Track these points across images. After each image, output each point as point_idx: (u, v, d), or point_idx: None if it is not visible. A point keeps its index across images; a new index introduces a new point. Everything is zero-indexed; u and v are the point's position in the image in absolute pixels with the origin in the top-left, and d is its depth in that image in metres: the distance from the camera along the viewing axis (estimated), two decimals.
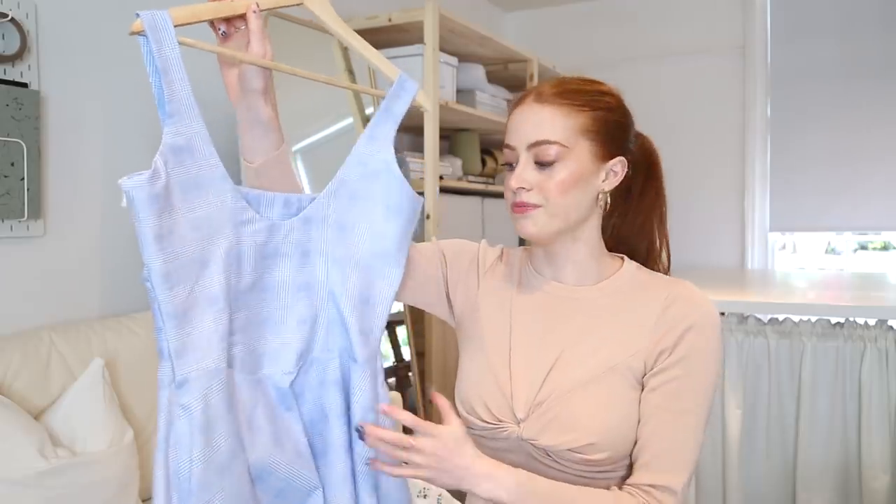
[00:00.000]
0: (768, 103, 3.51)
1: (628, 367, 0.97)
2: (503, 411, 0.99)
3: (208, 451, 0.78)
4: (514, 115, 1.01)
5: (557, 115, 0.96)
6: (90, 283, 1.91)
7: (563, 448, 0.95)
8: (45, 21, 1.76)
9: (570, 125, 0.96)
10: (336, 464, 0.91)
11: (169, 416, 0.78)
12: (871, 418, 1.96)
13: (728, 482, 2.12)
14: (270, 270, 0.88)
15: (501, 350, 1.04)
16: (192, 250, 0.79)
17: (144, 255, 0.76)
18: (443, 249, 1.12)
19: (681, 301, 0.99)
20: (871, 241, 3.76)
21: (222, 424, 0.80)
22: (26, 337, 1.65)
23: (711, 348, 0.97)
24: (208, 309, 0.80)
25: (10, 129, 1.64)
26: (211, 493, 0.78)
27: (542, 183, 0.96)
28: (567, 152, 0.96)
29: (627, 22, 3.79)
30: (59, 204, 1.81)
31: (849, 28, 3.34)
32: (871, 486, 1.96)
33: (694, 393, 0.96)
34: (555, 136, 0.95)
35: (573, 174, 0.96)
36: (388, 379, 2.54)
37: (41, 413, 1.58)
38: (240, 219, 0.84)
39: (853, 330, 2.00)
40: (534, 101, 0.98)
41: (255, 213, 0.86)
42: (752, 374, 2.10)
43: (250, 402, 0.85)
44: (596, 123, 0.97)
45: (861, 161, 3.32)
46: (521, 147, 0.97)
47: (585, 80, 1.01)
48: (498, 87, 3.04)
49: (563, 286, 1.05)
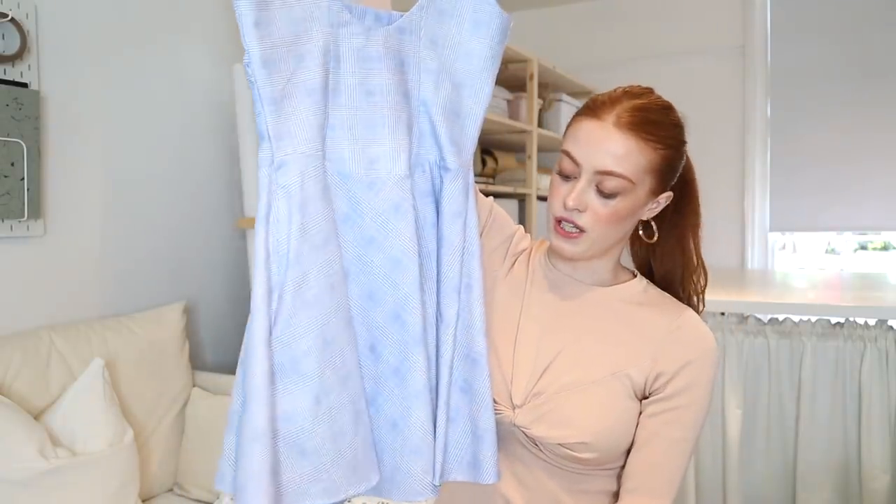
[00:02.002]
0: (768, 103, 3.51)
1: (628, 376, 0.98)
2: (501, 394, 1.01)
3: (304, 228, 0.82)
4: (587, 126, 0.96)
5: (634, 150, 0.93)
6: (90, 283, 1.91)
7: (554, 442, 0.96)
8: (45, 21, 1.76)
9: (643, 164, 0.94)
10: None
11: (269, 195, 0.82)
12: (871, 418, 1.96)
13: (728, 482, 2.12)
14: (372, 75, 0.90)
15: (508, 334, 1.04)
16: (289, 41, 0.83)
17: (245, 40, 0.80)
18: (493, 211, 1.12)
19: (688, 330, 1.00)
20: (871, 241, 3.76)
21: (317, 207, 0.84)
22: (26, 337, 1.65)
23: (708, 382, 1.00)
24: (306, 99, 0.84)
25: (10, 129, 1.64)
26: (307, 266, 0.82)
27: (597, 209, 0.95)
28: (631, 188, 0.94)
29: (627, 22, 3.78)
30: (59, 204, 1.81)
31: (849, 28, 3.34)
32: (871, 486, 1.96)
33: (689, 423, 0.99)
34: (627, 171, 0.93)
35: (627, 208, 0.96)
36: None
37: (41, 413, 1.58)
38: (337, 20, 0.87)
39: (853, 330, 2.00)
40: (613, 125, 0.93)
41: (351, 16, 0.88)
42: (752, 374, 2.10)
43: (362, 203, 0.88)
44: (663, 163, 0.96)
45: (861, 161, 3.32)
46: (587, 168, 0.95)
47: (662, 107, 0.98)
48: (498, 87, 3.04)
49: (577, 283, 1.06)
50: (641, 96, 0.98)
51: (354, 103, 0.88)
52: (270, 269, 0.81)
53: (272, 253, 0.82)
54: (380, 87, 0.90)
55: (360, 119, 0.89)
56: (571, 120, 1.00)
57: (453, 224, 0.93)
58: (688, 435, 0.99)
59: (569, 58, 3.68)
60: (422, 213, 0.93)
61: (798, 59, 3.44)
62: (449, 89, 0.94)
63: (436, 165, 0.94)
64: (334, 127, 0.87)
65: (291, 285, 0.81)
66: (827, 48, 3.38)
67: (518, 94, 3.17)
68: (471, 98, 0.96)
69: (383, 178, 0.89)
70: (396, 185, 0.90)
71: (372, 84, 0.89)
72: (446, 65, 0.94)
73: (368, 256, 0.89)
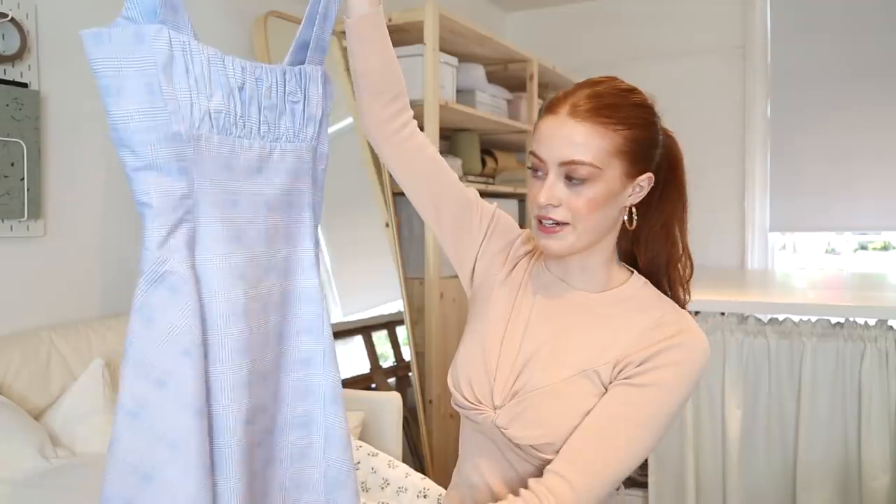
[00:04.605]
0: (768, 103, 3.51)
1: (596, 373, 0.96)
2: (484, 394, 1.01)
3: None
4: (545, 125, 0.96)
5: (593, 135, 0.93)
6: (90, 283, 1.91)
7: (526, 443, 0.96)
8: (45, 21, 1.76)
9: (605, 147, 0.93)
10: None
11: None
12: (871, 418, 1.96)
13: (728, 482, 2.12)
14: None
15: (496, 335, 1.05)
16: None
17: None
18: (496, 216, 1.12)
19: (672, 325, 0.97)
20: (871, 241, 3.76)
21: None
22: (26, 337, 1.65)
23: (684, 374, 0.94)
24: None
25: (10, 129, 1.64)
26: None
27: (572, 200, 0.94)
28: (599, 173, 0.93)
29: (627, 22, 3.78)
30: (59, 204, 1.81)
31: (849, 28, 3.34)
32: (871, 486, 1.96)
33: (646, 405, 0.93)
34: (588, 157, 0.92)
35: (602, 194, 0.94)
36: (388, 379, 2.53)
37: (41, 413, 1.58)
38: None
39: (853, 330, 2.00)
40: (569, 115, 0.94)
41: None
42: (752, 374, 2.10)
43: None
44: (628, 143, 0.94)
45: (861, 161, 3.32)
46: (551, 162, 0.95)
47: (620, 90, 0.97)
48: (498, 87, 3.04)
49: (567, 287, 1.05)
50: (599, 84, 0.98)
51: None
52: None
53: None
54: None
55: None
56: (536, 122, 1.01)
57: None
58: (637, 417, 0.92)
59: (569, 58, 3.68)
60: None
61: (798, 59, 3.44)
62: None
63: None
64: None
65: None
66: (827, 48, 3.38)
67: (518, 94, 3.17)
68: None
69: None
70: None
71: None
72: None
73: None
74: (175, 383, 0.73)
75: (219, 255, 0.79)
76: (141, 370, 0.74)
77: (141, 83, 0.73)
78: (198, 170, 0.77)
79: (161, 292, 0.74)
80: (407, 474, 1.72)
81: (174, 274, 0.75)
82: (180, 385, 0.73)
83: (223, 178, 0.80)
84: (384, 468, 1.73)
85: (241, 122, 0.82)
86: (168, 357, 0.74)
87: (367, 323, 2.50)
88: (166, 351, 0.74)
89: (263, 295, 0.85)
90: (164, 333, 0.74)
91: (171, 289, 0.74)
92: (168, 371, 0.74)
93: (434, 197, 1.08)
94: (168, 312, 0.74)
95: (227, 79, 0.79)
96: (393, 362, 2.58)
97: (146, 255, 0.74)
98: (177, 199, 0.76)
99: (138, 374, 0.74)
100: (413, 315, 2.47)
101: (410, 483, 1.70)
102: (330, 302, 2.38)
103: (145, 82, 0.73)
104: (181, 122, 0.75)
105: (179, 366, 0.74)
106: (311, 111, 0.90)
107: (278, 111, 0.86)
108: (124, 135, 0.76)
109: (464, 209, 1.10)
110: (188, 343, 0.74)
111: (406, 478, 1.71)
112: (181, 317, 0.74)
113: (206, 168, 0.78)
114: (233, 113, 0.80)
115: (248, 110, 0.82)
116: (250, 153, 0.83)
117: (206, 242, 0.78)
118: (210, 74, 0.78)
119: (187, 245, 0.76)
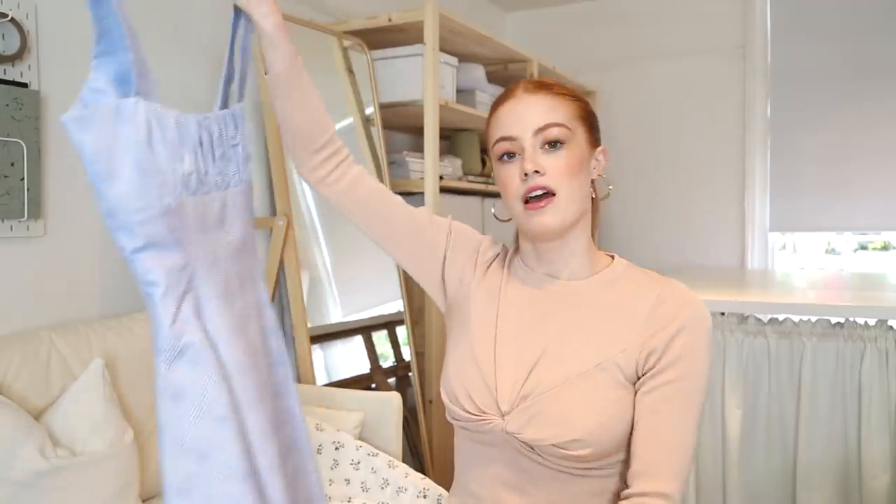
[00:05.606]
0: (768, 103, 3.51)
1: (616, 364, 0.97)
2: (487, 403, 1.00)
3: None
4: (505, 109, 1.03)
5: (557, 101, 1.00)
6: (90, 283, 1.91)
7: (547, 443, 0.95)
8: (45, 21, 1.76)
9: (569, 111, 1.00)
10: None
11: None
12: (871, 418, 1.96)
13: (728, 482, 2.12)
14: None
15: (487, 342, 1.04)
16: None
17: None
18: (452, 228, 1.13)
19: (672, 300, 0.99)
20: (871, 241, 3.76)
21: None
22: (26, 337, 1.65)
23: (703, 349, 0.98)
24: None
25: (10, 129, 1.64)
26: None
27: (553, 164, 0.98)
28: (571, 135, 1.00)
29: (627, 22, 3.78)
30: (59, 204, 1.81)
31: (849, 28, 3.34)
32: (871, 486, 1.96)
33: (686, 396, 0.96)
34: (561, 118, 0.99)
35: (577, 157, 1.00)
36: (388, 379, 2.53)
37: (41, 413, 1.58)
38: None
39: (853, 330, 2.00)
40: (525, 92, 1.02)
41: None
42: (752, 374, 2.10)
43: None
44: (584, 111, 1.03)
45: (861, 161, 3.32)
46: (525, 134, 0.99)
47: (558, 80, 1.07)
48: (498, 87, 3.04)
49: (554, 280, 1.05)
50: (542, 78, 1.08)
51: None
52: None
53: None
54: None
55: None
56: (488, 119, 1.06)
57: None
58: (689, 410, 0.96)
59: (569, 58, 3.68)
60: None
61: (798, 59, 3.44)
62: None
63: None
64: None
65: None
66: (827, 48, 3.38)
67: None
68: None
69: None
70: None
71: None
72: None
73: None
74: (217, 453, 0.73)
75: (219, 314, 0.79)
76: (179, 448, 0.74)
77: (130, 162, 0.72)
78: (185, 237, 0.77)
79: (183, 367, 0.74)
80: (407, 474, 1.72)
81: (192, 346, 0.75)
82: (223, 452, 0.73)
83: (202, 239, 0.80)
84: (384, 468, 1.73)
85: (204, 179, 0.82)
86: (205, 430, 0.74)
87: (367, 323, 2.50)
88: (202, 425, 0.74)
89: (253, 342, 0.86)
90: (195, 408, 0.74)
91: (192, 361, 0.74)
92: (208, 443, 0.74)
93: (383, 226, 1.10)
94: (195, 385, 0.74)
95: (189, 138, 0.79)
96: (393, 362, 2.58)
97: (161, 333, 0.74)
98: (179, 272, 0.76)
99: (178, 452, 0.74)
100: (413, 315, 2.47)
101: (410, 483, 1.70)
102: (330, 302, 2.39)
103: (135, 160, 0.72)
104: (169, 193, 0.75)
105: (217, 435, 0.73)
106: (248, 149, 0.91)
107: (227, 159, 0.86)
108: (123, 218, 0.74)
109: (417, 230, 1.11)
110: (222, 410, 0.74)
111: (406, 478, 1.71)
112: (208, 386, 0.74)
113: (191, 233, 0.78)
114: (200, 172, 0.80)
115: (207, 166, 0.82)
116: (213, 207, 0.83)
117: (207, 306, 0.79)
118: (178, 138, 0.78)
119: (195, 314, 0.77)
